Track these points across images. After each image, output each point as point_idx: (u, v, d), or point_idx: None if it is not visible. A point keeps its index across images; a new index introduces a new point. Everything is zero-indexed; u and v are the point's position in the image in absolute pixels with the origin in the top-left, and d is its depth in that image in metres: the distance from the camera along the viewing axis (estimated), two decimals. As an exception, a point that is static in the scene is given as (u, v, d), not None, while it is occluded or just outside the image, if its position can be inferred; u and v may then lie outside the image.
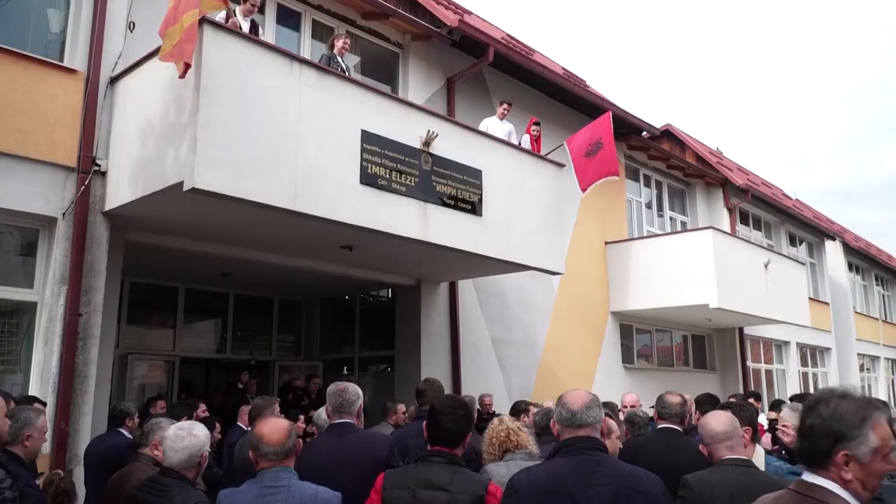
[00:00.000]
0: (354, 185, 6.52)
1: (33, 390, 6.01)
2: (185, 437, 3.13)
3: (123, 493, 3.30)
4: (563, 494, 2.44)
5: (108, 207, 6.43)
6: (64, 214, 6.25)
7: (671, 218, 16.19)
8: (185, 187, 5.32)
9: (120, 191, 6.31)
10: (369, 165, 6.66)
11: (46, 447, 5.48)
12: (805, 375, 19.61)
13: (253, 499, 2.82)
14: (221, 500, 2.95)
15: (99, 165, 6.43)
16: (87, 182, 6.31)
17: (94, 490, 5.19)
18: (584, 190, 9.72)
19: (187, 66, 5.26)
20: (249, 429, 4.57)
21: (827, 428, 1.80)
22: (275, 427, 2.98)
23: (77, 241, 6.24)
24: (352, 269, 8.95)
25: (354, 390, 3.83)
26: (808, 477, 1.85)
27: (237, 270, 9.41)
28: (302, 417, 6.48)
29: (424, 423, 3.28)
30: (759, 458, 3.46)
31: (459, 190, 7.60)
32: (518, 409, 6.47)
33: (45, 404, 5.10)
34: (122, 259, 6.88)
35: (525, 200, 8.60)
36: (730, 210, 16.85)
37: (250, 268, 8.87)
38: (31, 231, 6.35)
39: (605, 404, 6.32)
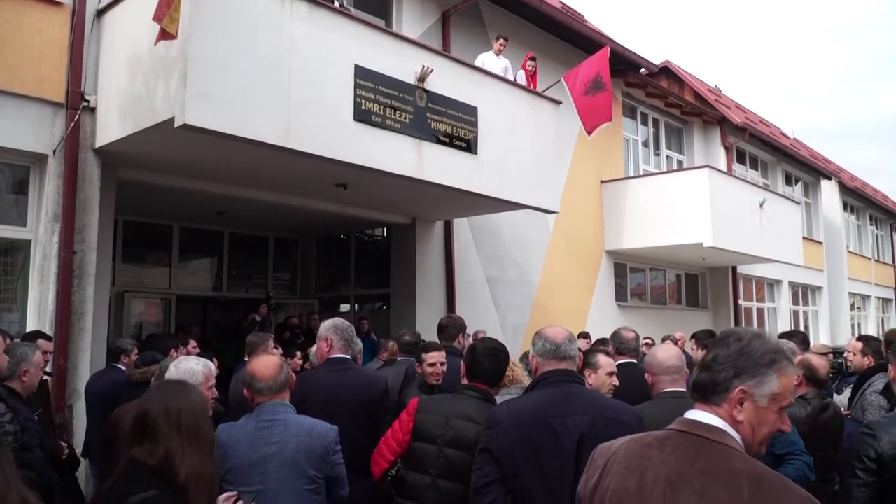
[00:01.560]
0: (348, 121, 6.43)
1: (31, 328, 6.04)
2: (172, 369, 3.20)
3: (124, 427, 3.34)
4: (542, 424, 2.50)
5: (98, 144, 6.34)
6: (54, 151, 6.17)
7: (668, 157, 16.09)
8: (176, 123, 5.24)
9: (110, 127, 6.22)
10: (363, 102, 6.56)
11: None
12: (796, 314, 19.86)
13: (250, 432, 2.87)
14: (220, 434, 3.00)
15: (88, 101, 6.32)
16: (76, 118, 6.21)
17: (95, 423, 5.29)
18: (590, 133, 9.53)
19: (163, 33, 5.11)
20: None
21: (733, 361, 1.69)
22: (266, 363, 3.01)
23: (68, 179, 6.18)
24: (347, 208, 8.92)
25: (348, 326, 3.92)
26: (694, 414, 1.72)
27: (231, 208, 9.37)
28: (299, 354, 6.55)
29: (436, 352, 3.36)
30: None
31: (454, 127, 7.52)
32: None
33: (51, 339, 5.11)
34: (114, 197, 6.83)
35: (521, 138, 8.52)
36: (727, 149, 16.74)
37: (245, 206, 8.84)
38: (22, 168, 6.28)
39: (601, 340, 6.42)
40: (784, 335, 5.80)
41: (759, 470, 1.56)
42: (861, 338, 5.54)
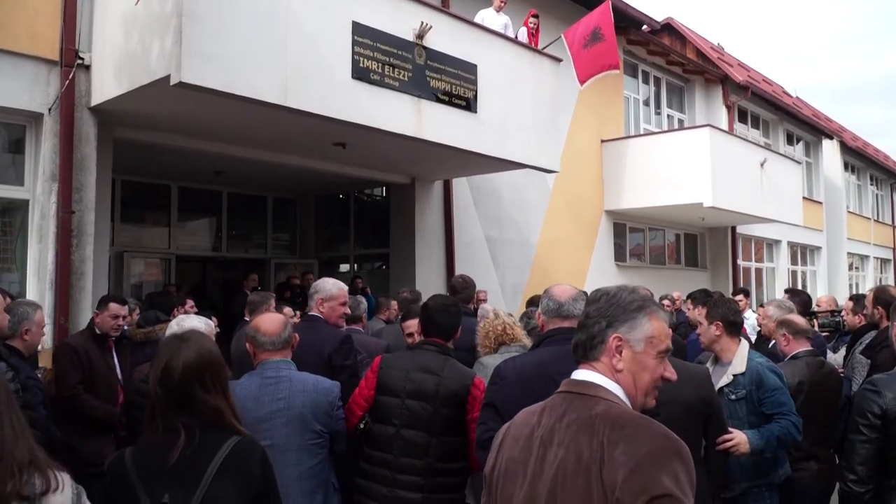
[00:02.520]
0: (346, 79, 6.36)
1: (31, 288, 6.07)
2: (174, 327, 3.23)
3: (132, 385, 3.39)
4: (546, 379, 2.52)
5: (94, 103, 6.27)
6: (50, 110, 6.11)
7: (668, 116, 15.96)
8: (172, 81, 5.18)
9: (105, 85, 6.15)
10: (361, 59, 6.48)
11: (47, 342, 5.58)
12: (794, 274, 19.92)
13: (256, 389, 2.89)
14: (224, 391, 3.02)
15: (83, 59, 6.24)
16: (70, 76, 6.13)
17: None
18: (582, 84, 9.47)
19: None
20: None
21: (603, 313, 1.73)
22: (271, 319, 3.05)
23: (65, 138, 6.13)
24: (345, 167, 8.88)
25: (317, 285, 4.02)
26: (577, 373, 1.73)
27: (229, 168, 9.32)
28: (298, 314, 6.59)
29: (415, 320, 3.44)
30: (743, 353, 3.55)
31: (454, 85, 7.44)
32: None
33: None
34: (111, 156, 6.79)
35: (521, 96, 8.43)
36: (728, 108, 16.60)
37: (243, 165, 8.79)
38: (18, 127, 6.23)
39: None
40: (789, 292, 5.83)
41: (618, 411, 1.58)
42: (853, 297, 5.57)
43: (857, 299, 5.45)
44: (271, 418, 2.85)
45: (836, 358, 5.43)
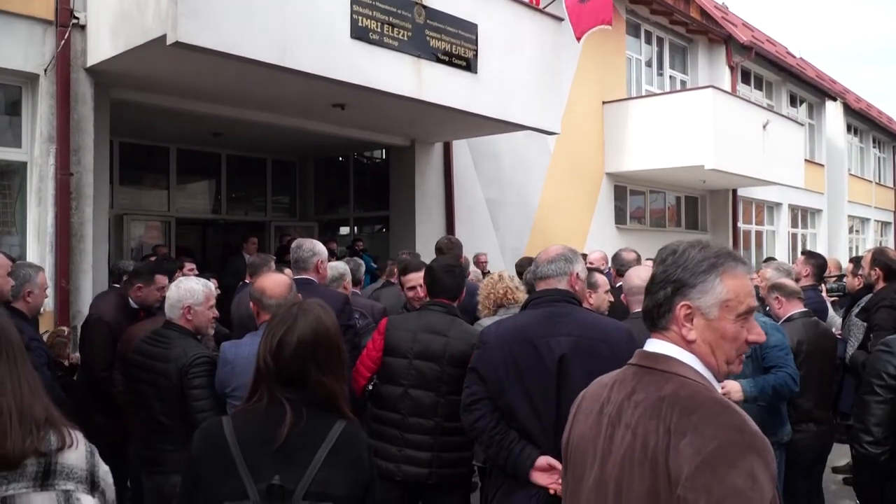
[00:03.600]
0: (345, 39, 6.28)
1: (31, 250, 6.07)
2: (173, 289, 3.24)
3: (132, 346, 3.41)
4: (526, 344, 2.55)
5: (90, 63, 6.20)
6: (45, 70, 6.04)
7: (671, 77, 15.78)
8: (168, 41, 5.11)
9: (101, 45, 6.07)
10: (360, 18, 6.39)
11: (49, 304, 5.60)
12: (794, 237, 19.91)
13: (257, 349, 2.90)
14: (225, 352, 3.04)
15: (77, 18, 6.14)
16: (66, 36, 6.05)
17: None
18: (578, 38, 9.38)
19: None
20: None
21: (669, 277, 1.49)
22: (277, 281, 3.06)
23: (61, 99, 6.07)
24: (345, 129, 8.81)
25: (309, 246, 3.99)
26: (649, 345, 1.53)
27: (228, 130, 9.25)
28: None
29: (416, 273, 3.46)
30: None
31: (454, 45, 7.34)
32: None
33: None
34: (108, 117, 6.73)
35: (521, 57, 8.33)
36: (731, 68, 16.40)
37: (241, 127, 8.73)
38: (14, 88, 6.17)
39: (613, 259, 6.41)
40: (805, 254, 5.82)
41: (689, 393, 1.39)
42: (853, 259, 5.58)
43: (856, 261, 5.46)
44: None
45: (835, 321, 5.46)
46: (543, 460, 2.46)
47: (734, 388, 3.31)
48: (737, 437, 1.30)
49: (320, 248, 4.07)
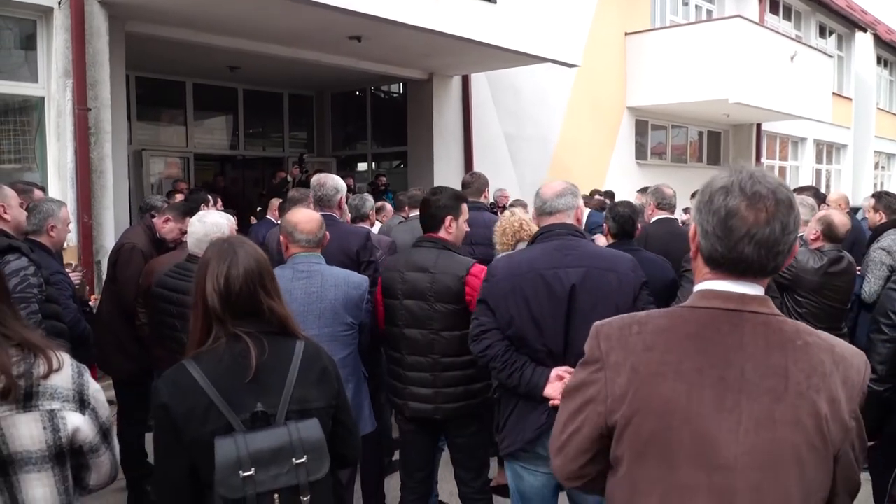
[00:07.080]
0: (361, -32, 6.13)
1: (52, 186, 6.11)
2: (196, 223, 3.25)
3: (155, 278, 3.45)
4: (535, 276, 2.57)
5: (103, -6, 6.12)
6: (59, 3, 5.97)
7: (697, 6, 15.29)
8: (182, -29, 5.02)
9: (114, -24, 5.98)
10: (376, -54, 6.22)
11: (73, 239, 5.67)
12: (818, 172, 19.57)
13: (287, 282, 2.91)
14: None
15: (89, -52, 6.03)
16: (78, -33, 5.95)
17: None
18: None
19: None
20: (279, 223, 4.64)
21: (794, 226, 1.32)
22: (309, 217, 3.08)
23: (76, 32, 6.01)
24: (362, 62, 8.68)
25: (332, 184, 3.92)
26: (733, 287, 1.33)
27: (244, 64, 9.16)
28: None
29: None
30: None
31: (473, -26, 7.14)
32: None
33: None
34: (124, 51, 6.68)
35: (542, -14, 8.10)
36: (760, -3, 15.86)
37: (257, 61, 8.63)
38: (29, 22, 6.11)
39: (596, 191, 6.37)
40: (798, 190, 5.75)
41: (827, 338, 1.34)
42: (875, 194, 5.48)
43: (878, 196, 5.36)
44: (305, 311, 2.92)
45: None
46: (555, 373, 2.52)
47: None
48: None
49: (342, 184, 4.05)
